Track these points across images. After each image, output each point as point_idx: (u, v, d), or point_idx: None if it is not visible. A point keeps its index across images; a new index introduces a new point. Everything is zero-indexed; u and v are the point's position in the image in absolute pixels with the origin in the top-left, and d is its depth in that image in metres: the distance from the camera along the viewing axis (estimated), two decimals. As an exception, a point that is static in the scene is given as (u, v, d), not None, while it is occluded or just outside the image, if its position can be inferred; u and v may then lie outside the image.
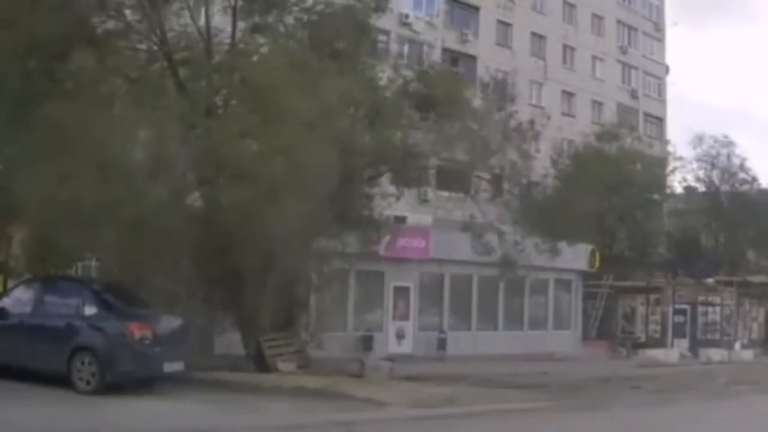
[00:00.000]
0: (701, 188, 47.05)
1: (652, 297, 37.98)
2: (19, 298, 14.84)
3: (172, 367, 14.27)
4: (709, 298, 38.72)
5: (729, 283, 39.64)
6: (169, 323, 14.62)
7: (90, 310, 14.14)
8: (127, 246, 14.87)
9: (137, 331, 13.86)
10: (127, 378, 13.74)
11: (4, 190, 15.95)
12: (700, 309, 38.28)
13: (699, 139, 45.67)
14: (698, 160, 45.78)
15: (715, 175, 46.02)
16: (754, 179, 45.50)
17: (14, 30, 13.86)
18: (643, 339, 36.49)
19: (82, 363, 13.59)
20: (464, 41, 41.56)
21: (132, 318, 14.14)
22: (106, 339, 13.72)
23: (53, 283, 15.27)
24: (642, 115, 52.73)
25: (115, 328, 13.86)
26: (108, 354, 13.56)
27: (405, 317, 29.51)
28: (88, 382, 13.51)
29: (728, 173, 45.61)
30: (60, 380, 13.57)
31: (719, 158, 45.65)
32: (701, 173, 46.19)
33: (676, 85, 57.89)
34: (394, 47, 21.13)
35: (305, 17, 17.94)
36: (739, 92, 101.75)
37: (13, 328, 14.34)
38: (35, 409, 11.74)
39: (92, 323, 13.93)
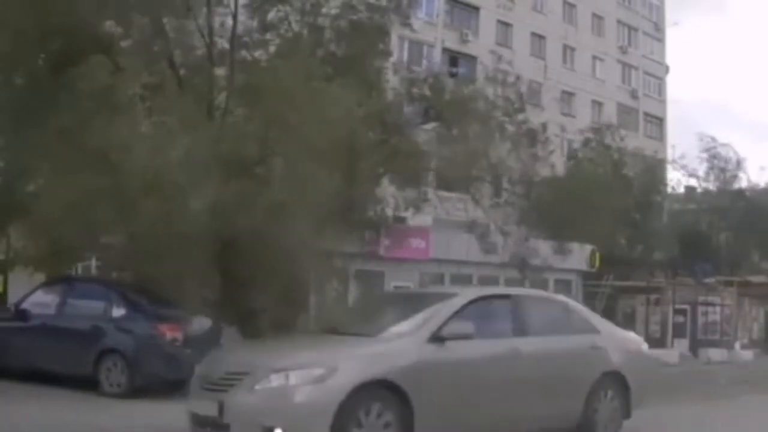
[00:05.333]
0: (699, 188, 47.11)
1: (652, 297, 38.00)
2: (42, 300, 14.44)
3: None
4: (709, 298, 38.71)
5: (729, 283, 39.62)
6: (200, 324, 14.23)
7: (118, 312, 13.79)
8: (129, 247, 14.81)
9: (168, 332, 13.49)
10: (156, 381, 13.29)
11: (6, 188, 15.95)
12: (700, 309, 38.27)
13: (699, 138, 45.88)
14: (698, 157, 45.92)
15: (712, 175, 46.09)
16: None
17: (19, 27, 13.81)
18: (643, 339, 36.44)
19: (110, 365, 13.27)
20: (464, 41, 41.55)
21: (162, 319, 13.72)
22: (134, 341, 13.40)
23: (78, 284, 14.89)
24: (642, 115, 52.76)
25: (144, 329, 13.51)
26: (137, 356, 13.24)
27: (405, 317, 29.51)
28: (116, 385, 13.18)
29: (725, 173, 45.65)
30: (84, 383, 13.27)
31: (717, 159, 45.71)
32: (700, 172, 46.28)
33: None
34: (394, 48, 21.15)
35: (311, 19, 17.91)
36: (716, 86, 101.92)
37: (35, 330, 13.98)
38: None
39: (120, 325, 13.59)
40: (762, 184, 45.58)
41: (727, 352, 33.31)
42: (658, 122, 54.18)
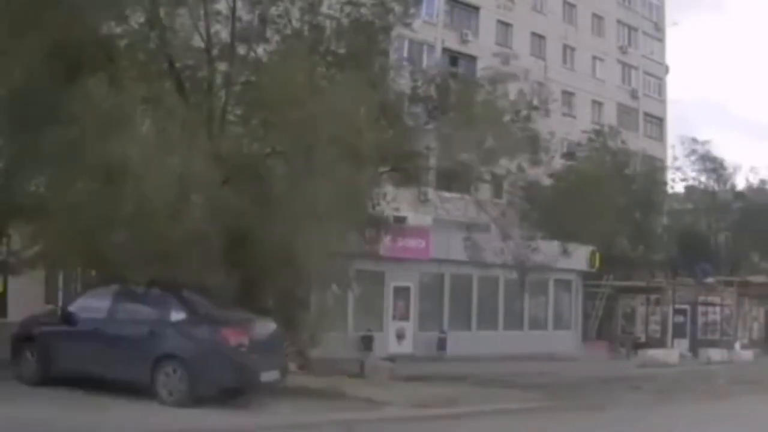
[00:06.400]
0: (700, 186, 47.10)
1: (652, 297, 38.03)
2: (91, 303, 13.80)
3: (268, 376, 13.25)
4: (709, 298, 38.73)
5: (729, 283, 39.64)
6: (264, 328, 13.66)
7: (177, 316, 13.13)
8: (134, 246, 14.58)
9: (232, 337, 12.79)
10: (219, 389, 12.80)
11: (5, 189, 15.89)
12: (700, 309, 38.29)
13: (681, 140, 46.17)
14: (686, 156, 45.96)
15: (704, 176, 46.15)
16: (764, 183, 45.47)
17: (17, 27, 13.77)
18: (643, 339, 36.50)
19: (168, 373, 12.64)
20: (464, 41, 41.54)
21: (225, 323, 13.08)
22: (196, 346, 12.77)
23: (131, 286, 13.74)
24: (642, 115, 52.76)
25: (206, 334, 12.90)
26: (198, 363, 12.59)
27: (405, 317, 29.54)
28: (175, 393, 12.57)
29: (717, 173, 45.67)
30: (131, 389, 12.73)
31: (707, 161, 45.74)
32: (695, 173, 46.31)
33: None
34: (396, 48, 21.05)
35: (309, 17, 17.84)
36: (715, 86, 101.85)
37: (84, 335, 13.37)
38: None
39: (179, 330, 12.95)
40: (758, 183, 45.65)
41: (727, 352, 33.34)
42: (658, 122, 54.18)
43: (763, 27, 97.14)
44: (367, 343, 26.74)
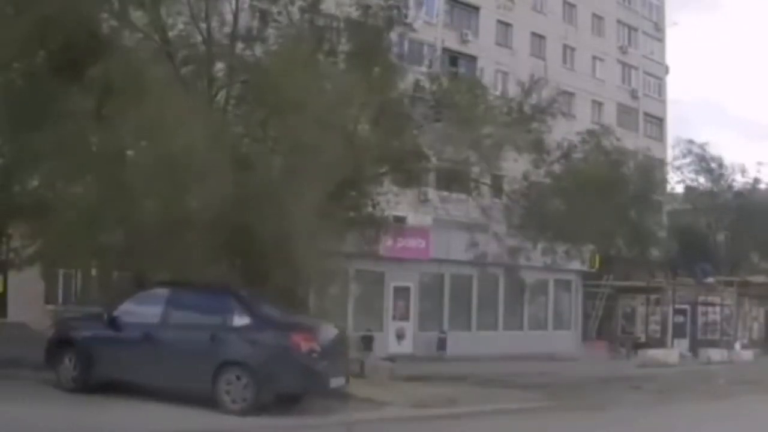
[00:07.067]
0: (700, 187, 47.11)
1: (652, 297, 38.07)
2: (140, 307, 13.21)
3: (337, 382, 12.93)
4: (709, 298, 38.76)
5: (729, 283, 39.65)
6: (329, 333, 13.32)
7: (241, 320, 12.66)
8: (131, 244, 14.52)
9: (303, 343, 12.43)
10: (285, 396, 12.55)
11: (5, 188, 15.89)
12: (700, 309, 38.32)
13: (678, 142, 46.22)
14: (682, 157, 45.94)
15: (705, 177, 46.12)
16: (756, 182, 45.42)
17: (17, 25, 13.75)
18: (643, 339, 36.54)
19: (232, 380, 12.26)
20: (464, 41, 41.52)
21: (294, 328, 12.74)
22: (264, 353, 12.36)
23: (185, 290, 13.32)
24: (642, 115, 52.73)
25: (275, 340, 12.49)
26: (268, 370, 12.22)
27: (405, 317, 29.56)
28: (240, 401, 12.19)
29: (712, 173, 45.67)
30: (185, 398, 12.34)
31: (704, 161, 45.74)
32: (691, 173, 46.30)
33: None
34: (397, 47, 21.01)
35: (310, 16, 17.84)
36: (715, 86, 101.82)
37: (134, 340, 12.83)
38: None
39: (244, 335, 12.52)
40: (754, 183, 45.62)
41: (727, 352, 33.34)
42: (658, 122, 54.12)
43: (762, 27, 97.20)
44: (367, 343, 26.74)
